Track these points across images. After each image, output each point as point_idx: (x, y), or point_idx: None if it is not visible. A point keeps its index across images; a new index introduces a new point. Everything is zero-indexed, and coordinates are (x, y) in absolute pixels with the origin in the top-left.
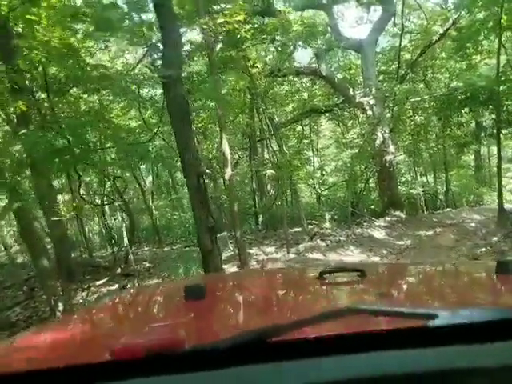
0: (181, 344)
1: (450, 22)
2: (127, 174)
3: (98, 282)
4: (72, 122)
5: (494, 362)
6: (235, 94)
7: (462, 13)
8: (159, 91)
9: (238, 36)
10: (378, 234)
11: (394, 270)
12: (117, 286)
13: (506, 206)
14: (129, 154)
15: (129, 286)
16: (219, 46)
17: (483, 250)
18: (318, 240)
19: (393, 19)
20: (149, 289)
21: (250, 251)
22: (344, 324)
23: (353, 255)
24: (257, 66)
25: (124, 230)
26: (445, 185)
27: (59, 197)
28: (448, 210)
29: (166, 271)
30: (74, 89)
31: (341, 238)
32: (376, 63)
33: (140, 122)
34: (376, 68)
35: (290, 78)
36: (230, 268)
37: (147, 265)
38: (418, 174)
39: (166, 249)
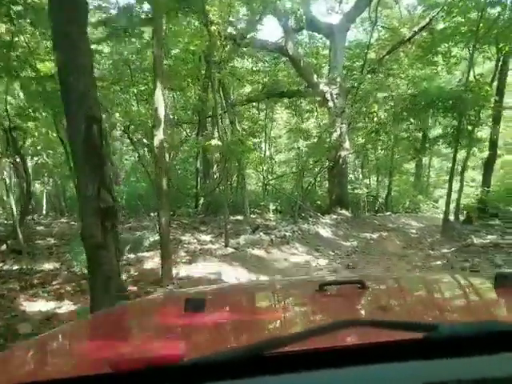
0: (179, 357)
1: (421, 24)
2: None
3: None
4: None
5: (493, 374)
6: (188, 57)
7: (436, 16)
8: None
9: None
10: (325, 232)
11: (394, 282)
12: None
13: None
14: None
15: (15, 267)
16: None
17: (439, 262)
18: (262, 233)
19: (367, 11)
20: (148, 300)
21: (183, 238)
22: (344, 337)
23: (299, 254)
24: (217, 23)
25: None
26: (387, 188)
27: None
28: (388, 213)
29: (70, 253)
30: None
31: (286, 234)
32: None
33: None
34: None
35: (253, 52)
36: (146, 264)
37: (52, 241)
38: (361, 176)
39: None
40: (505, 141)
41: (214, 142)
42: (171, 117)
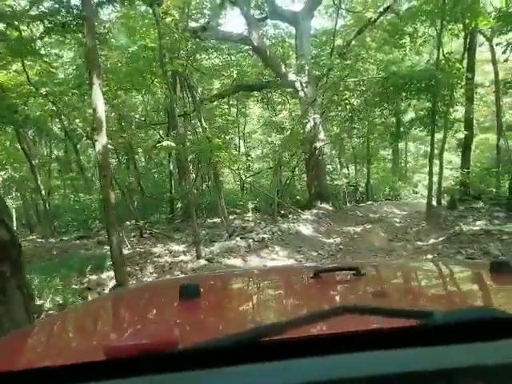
0: (175, 343)
1: (385, 5)
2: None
3: None
4: None
5: (488, 361)
6: (145, 53)
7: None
8: None
9: None
10: (306, 229)
11: (390, 269)
12: None
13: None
14: None
15: None
16: None
17: (430, 256)
18: (238, 238)
19: None
20: (143, 287)
21: (154, 249)
22: (339, 323)
23: (279, 259)
24: (173, 14)
25: None
26: (366, 177)
27: None
28: (370, 203)
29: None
30: None
31: (265, 236)
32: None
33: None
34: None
35: (217, 44)
36: (107, 287)
37: None
38: (339, 166)
39: (51, 240)
40: (477, 120)
41: (166, 143)
42: (142, 119)
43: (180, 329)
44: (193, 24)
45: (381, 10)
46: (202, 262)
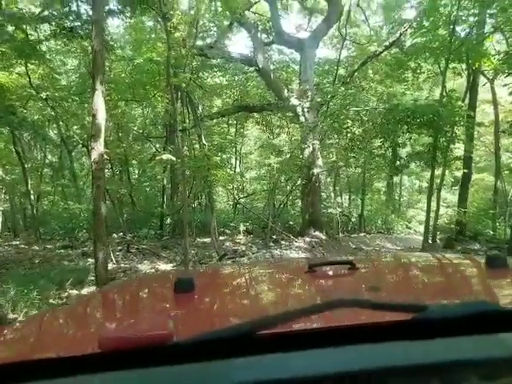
0: (169, 336)
1: (391, 39)
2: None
3: None
4: None
5: (481, 355)
6: (151, 66)
7: (405, 32)
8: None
9: None
10: (298, 257)
11: (384, 263)
12: None
13: (415, 237)
14: None
15: None
16: None
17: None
18: (229, 262)
19: (336, 28)
20: (138, 281)
21: (140, 266)
22: (334, 317)
23: None
24: (179, 29)
25: None
26: (360, 208)
27: None
28: (362, 234)
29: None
30: None
31: None
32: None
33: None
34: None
35: (222, 63)
36: None
37: None
38: (333, 194)
39: (35, 247)
40: (473, 160)
41: (166, 156)
42: (140, 131)
43: (175, 322)
44: (200, 42)
45: (386, 43)
46: None
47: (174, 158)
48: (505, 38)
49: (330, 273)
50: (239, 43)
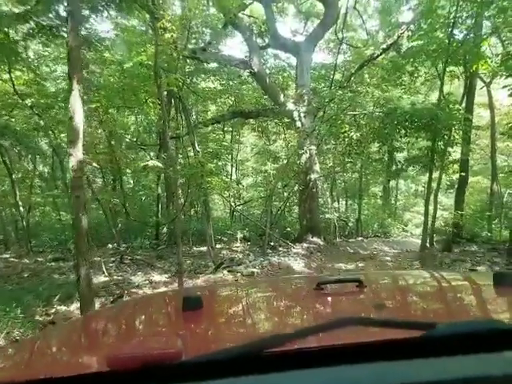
0: (178, 355)
1: (389, 42)
2: None
3: None
4: None
5: (492, 372)
6: (141, 70)
7: (402, 34)
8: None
9: None
10: (297, 264)
11: (392, 280)
12: None
13: (412, 239)
14: None
15: None
16: None
17: None
18: (225, 271)
19: (333, 29)
20: (146, 298)
21: (133, 278)
22: (342, 335)
23: None
24: (172, 30)
25: None
26: (357, 212)
27: None
28: (360, 239)
29: None
30: None
31: (254, 270)
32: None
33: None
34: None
35: (216, 67)
36: None
37: None
38: (329, 199)
39: (26, 260)
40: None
41: (152, 162)
42: (133, 140)
43: (183, 340)
44: (193, 46)
45: (384, 46)
46: None
47: (160, 165)
48: (500, 41)
49: (338, 290)
50: (234, 48)
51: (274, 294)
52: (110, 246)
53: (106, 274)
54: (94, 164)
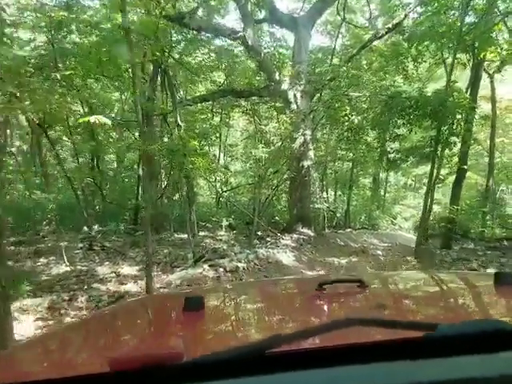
0: (180, 356)
1: (395, 21)
2: None
3: None
4: None
5: (494, 373)
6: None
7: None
8: None
9: None
10: (286, 258)
11: (393, 281)
12: None
13: (401, 233)
14: None
15: None
16: None
17: None
18: (206, 266)
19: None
20: (147, 299)
21: (99, 269)
22: (343, 335)
23: None
24: None
25: None
26: (346, 203)
27: None
28: (349, 230)
29: None
30: None
31: (239, 265)
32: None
33: None
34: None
35: (206, 37)
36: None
37: None
38: (318, 189)
39: None
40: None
41: (95, 117)
42: (118, 118)
43: (184, 341)
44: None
45: (389, 26)
46: None
47: (108, 122)
48: (507, 28)
49: (340, 291)
50: (228, 21)
51: (276, 294)
52: (86, 228)
53: (68, 263)
54: (65, 138)
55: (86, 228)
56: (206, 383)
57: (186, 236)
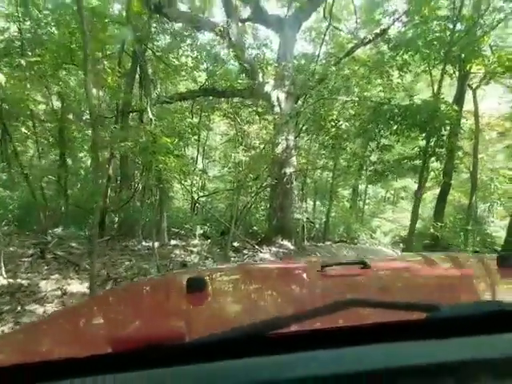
0: (181, 336)
1: (382, 27)
2: None
3: None
4: None
5: (494, 354)
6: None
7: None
8: None
9: None
10: None
11: (396, 263)
12: None
13: (381, 247)
14: None
15: None
16: None
17: None
18: None
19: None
20: (150, 281)
21: (43, 284)
22: (346, 317)
23: None
24: None
25: None
26: (325, 214)
27: None
28: (328, 243)
29: None
30: None
31: None
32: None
33: None
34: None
35: (186, 28)
36: None
37: None
38: (297, 198)
39: None
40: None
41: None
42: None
43: (187, 322)
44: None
45: (377, 31)
46: None
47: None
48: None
49: (343, 273)
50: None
51: (279, 276)
52: (51, 231)
53: (5, 275)
54: (24, 130)
55: (41, 232)
56: (207, 364)
57: (155, 244)
